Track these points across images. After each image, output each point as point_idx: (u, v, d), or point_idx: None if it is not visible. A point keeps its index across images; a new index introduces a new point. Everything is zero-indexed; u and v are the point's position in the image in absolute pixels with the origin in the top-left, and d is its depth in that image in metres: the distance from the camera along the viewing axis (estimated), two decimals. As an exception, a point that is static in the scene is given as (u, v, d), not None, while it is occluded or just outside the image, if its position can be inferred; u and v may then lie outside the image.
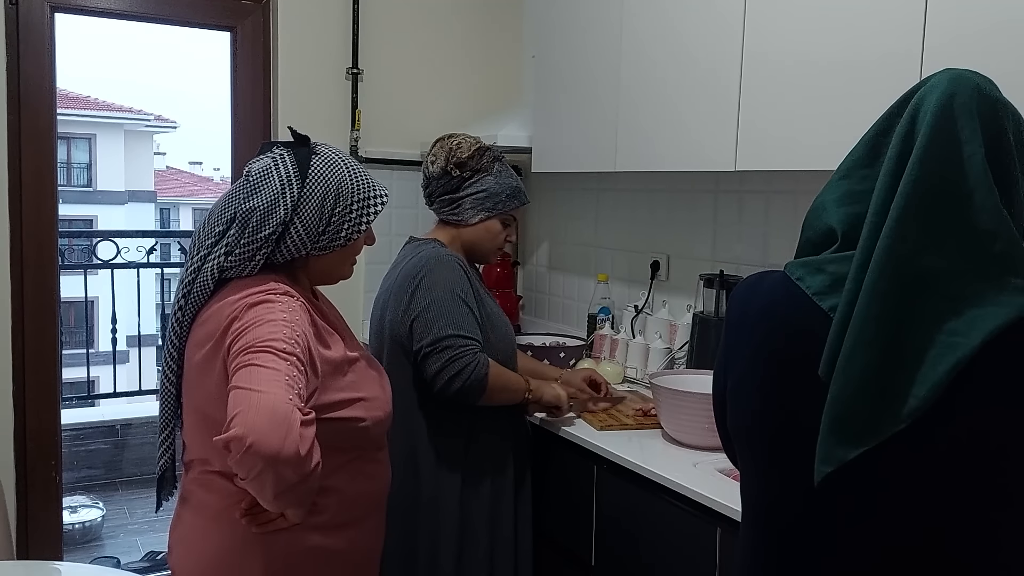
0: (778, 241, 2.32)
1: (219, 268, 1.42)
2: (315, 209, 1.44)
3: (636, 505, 1.85)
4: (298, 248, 1.44)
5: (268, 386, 1.20)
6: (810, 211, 1.02)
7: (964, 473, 0.88)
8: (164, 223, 16.75)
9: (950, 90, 0.91)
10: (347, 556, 1.51)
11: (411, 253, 2.01)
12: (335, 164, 1.48)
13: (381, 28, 3.12)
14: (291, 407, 1.18)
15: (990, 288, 0.86)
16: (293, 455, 1.16)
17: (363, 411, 1.47)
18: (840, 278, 0.93)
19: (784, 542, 1.00)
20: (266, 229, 1.41)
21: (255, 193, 1.43)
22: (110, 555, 4.30)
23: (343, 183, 1.47)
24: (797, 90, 1.84)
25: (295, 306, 1.38)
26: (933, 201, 0.88)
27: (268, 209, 1.41)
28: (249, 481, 1.19)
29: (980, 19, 1.49)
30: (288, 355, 1.26)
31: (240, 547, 1.41)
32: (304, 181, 1.44)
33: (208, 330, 1.39)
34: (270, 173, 1.44)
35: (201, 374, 1.40)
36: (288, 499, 1.26)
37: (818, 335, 0.93)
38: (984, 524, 0.89)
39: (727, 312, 1.12)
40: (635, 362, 2.55)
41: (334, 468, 1.44)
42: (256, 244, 1.41)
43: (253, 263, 1.42)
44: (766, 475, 1.02)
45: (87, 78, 21.23)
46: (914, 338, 0.86)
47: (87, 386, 5.26)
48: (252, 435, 1.14)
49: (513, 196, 2.04)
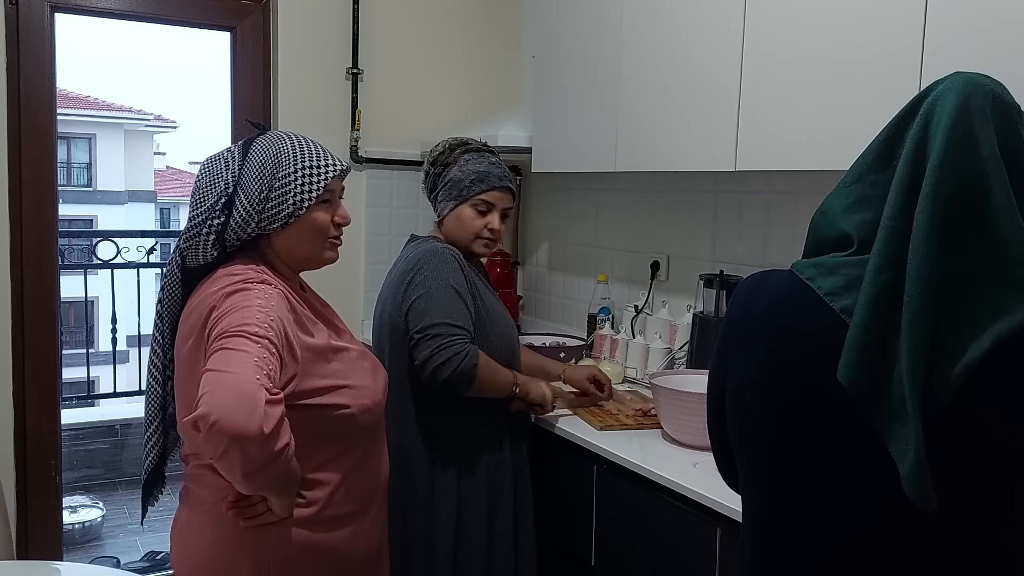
0: (778, 241, 2.32)
1: (179, 252, 1.47)
2: (255, 177, 1.46)
3: (636, 505, 1.85)
4: (245, 221, 1.46)
5: (236, 367, 1.23)
6: (818, 215, 1.01)
7: (971, 482, 0.87)
8: (164, 223, 16.74)
9: (965, 94, 0.90)
10: (346, 554, 1.51)
11: (411, 251, 2.02)
12: (278, 138, 1.51)
13: (381, 28, 3.12)
14: (257, 386, 1.21)
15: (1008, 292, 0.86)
16: (257, 432, 1.18)
17: (348, 398, 1.48)
18: (854, 280, 0.91)
19: (785, 547, 0.99)
20: (209, 200, 1.45)
21: (202, 174, 1.50)
22: (110, 555, 4.30)
23: (283, 151, 1.49)
24: (797, 90, 1.84)
25: (271, 292, 1.40)
26: (954, 206, 0.87)
27: (212, 182, 1.47)
28: (217, 460, 1.23)
29: (980, 19, 1.49)
30: (260, 338, 1.29)
31: (231, 541, 1.42)
32: (246, 155, 1.49)
33: (191, 323, 1.42)
34: (218, 156, 1.51)
35: (189, 367, 1.41)
36: (258, 480, 1.28)
37: (827, 336, 0.92)
38: (991, 540, 0.89)
39: (728, 311, 1.10)
40: (635, 362, 2.55)
41: (323, 460, 1.46)
42: (201, 217, 1.45)
43: (202, 239, 1.45)
44: (769, 479, 1.01)
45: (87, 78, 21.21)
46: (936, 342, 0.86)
47: (87, 386, 5.26)
48: (216, 412, 1.17)
49: (478, 180, 1.99)
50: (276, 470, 1.27)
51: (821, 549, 0.96)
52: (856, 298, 0.90)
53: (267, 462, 1.23)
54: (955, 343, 0.85)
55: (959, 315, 0.86)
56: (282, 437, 1.23)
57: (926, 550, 0.90)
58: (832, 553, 0.94)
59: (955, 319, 0.86)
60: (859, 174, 0.98)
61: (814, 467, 0.95)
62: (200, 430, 1.18)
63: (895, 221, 0.89)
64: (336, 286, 1.59)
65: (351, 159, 3.07)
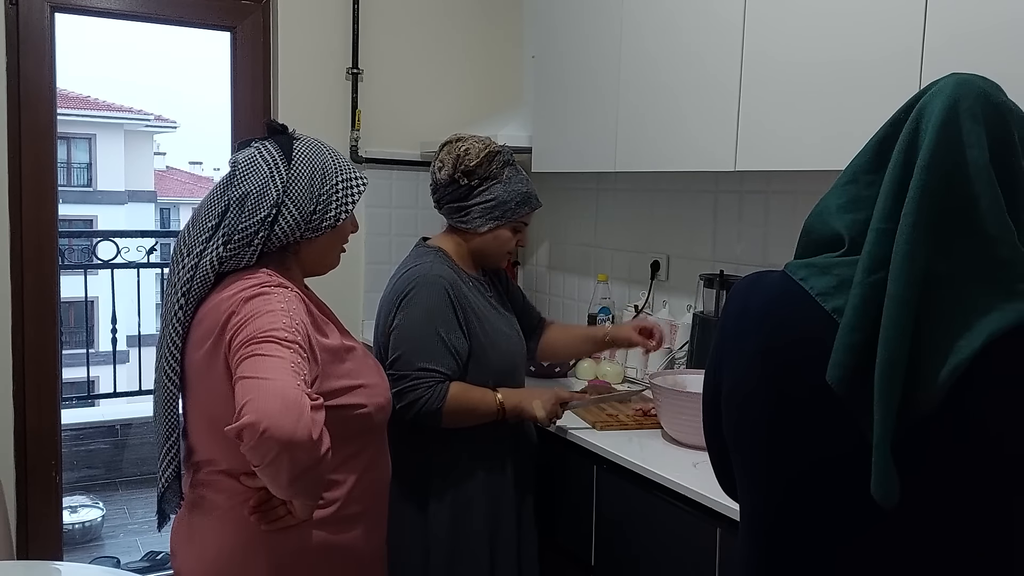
0: (778, 241, 2.32)
1: (218, 259, 1.43)
2: (304, 188, 1.46)
3: (636, 505, 1.85)
4: (292, 230, 1.46)
5: (275, 373, 1.22)
6: (813, 215, 1.01)
7: (962, 484, 0.87)
8: (164, 223, 16.74)
9: (955, 95, 0.90)
10: (359, 552, 1.52)
11: (410, 263, 1.98)
12: (316, 147, 1.52)
13: (381, 28, 3.12)
14: (300, 392, 1.20)
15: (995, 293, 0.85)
16: (306, 438, 1.17)
17: (364, 397, 1.49)
18: (846, 281, 0.92)
19: (782, 549, 0.99)
20: (262, 211, 1.43)
21: (245, 179, 1.45)
22: (110, 555, 4.30)
23: (327, 163, 1.51)
24: (797, 90, 1.84)
25: (291, 296, 1.40)
26: (941, 207, 0.87)
27: (261, 191, 1.44)
28: (264, 467, 1.20)
29: (980, 19, 1.49)
30: (291, 343, 1.28)
31: (247, 545, 1.41)
32: (290, 163, 1.47)
33: (205, 328, 1.39)
34: (256, 160, 1.47)
35: (203, 373, 1.40)
36: (303, 485, 1.27)
37: (819, 337, 0.92)
38: (983, 542, 0.88)
39: (723, 312, 1.10)
40: (635, 362, 2.55)
41: (341, 460, 1.45)
42: (253, 228, 1.43)
43: (251, 249, 1.44)
44: (764, 482, 1.01)
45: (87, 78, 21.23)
46: (924, 343, 0.86)
47: (87, 386, 5.27)
48: (265, 420, 1.15)
49: (523, 203, 1.99)
50: (320, 474, 1.27)
51: (818, 552, 0.95)
52: (847, 298, 0.90)
53: (313, 467, 1.22)
54: (941, 343, 0.85)
55: (945, 315, 0.86)
56: (325, 442, 1.23)
57: (921, 552, 0.90)
58: (829, 555, 0.94)
59: (941, 319, 0.86)
60: (854, 174, 0.98)
61: (809, 470, 0.95)
62: (245, 439, 1.16)
63: (885, 223, 0.89)
64: (336, 286, 1.60)
65: (351, 159, 3.07)
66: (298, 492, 1.30)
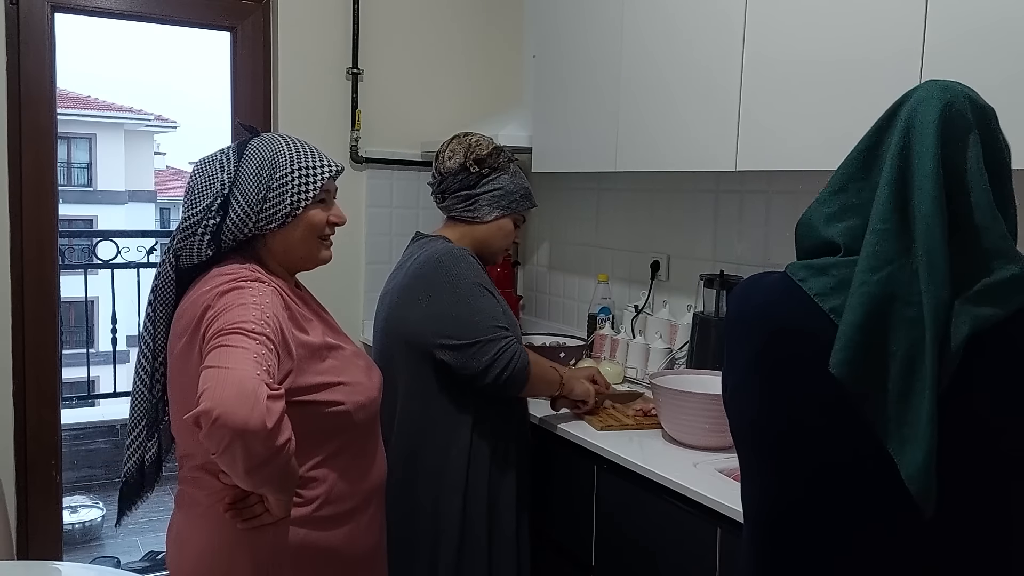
0: (778, 241, 2.31)
1: (173, 252, 1.47)
2: (252, 178, 1.47)
3: (636, 505, 1.85)
4: (243, 221, 1.46)
5: (236, 363, 1.23)
6: (799, 226, 1.04)
7: (966, 480, 0.87)
8: (164, 223, 16.72)
9: (945, 99, 0.93)
10: (343, 554, 1.51)
11: (418, 250, 2.00)
12: (273, 139, 1.53)
13: (381, 28, 3.12)
14: (258, 381, 1.22)
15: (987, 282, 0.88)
16: (260, 427, 1.18)
17: (343, 395, 1.48)
18: (844, 281, 0.93)
19: (786, 547, 1.00)
20: (204, 200, 1.46)
21: (197, 174, 1.50)
22: (110, 555, 4.30)
23: (279, 152, 1.50)
24: (797, 90, 1.84)
25: (265, 290, 1.41)
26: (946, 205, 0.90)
27: (206, 182, 1.47)
28: (220, 455, 1.22)
29: (980, 19, 1.49)
30: (258, 335, 1.30)
31: (229, 543, 1.42)
32: (241, 156, 1.49)
33: (185, 322, 1.42)
34: (212, 157, 1.52)
35: (181, 366, 1.42)
36: (261, 476, 1.28)
37: (816, 336, 0.93)
38: (990, 539, 0.89)
39: (726, 313, 1.12)
40: (635, 362, 2.55)
41: (319, 457, 1.46)
42: (196, 216, 1.45)
43: (197, 239, 1.45)
44: (767, 481, 1.01)
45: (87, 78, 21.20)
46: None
47: (87, 386, 5.26)
48: (218, 408, 1.17)
49: (526, 197, 2.07)
50: (278, 465, 1.27)
51: (823, 549, 0.96)
52: (845, 298, 0.91)
53: (269, 457, 1.23)
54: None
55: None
56: (284, 432, 1.24)
57: (926, 549, 0.90)
58: (834, 552, 0.94)
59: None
60: (844, 183, 1.00)
61: (811, 469, 0.95)
62: (202, 426, 1.18)
63: (886, 224, 0.91)
64: (336, 286, 1.60)
65: (351, 159, 3.07)
66: (259, 483, 1.31)
